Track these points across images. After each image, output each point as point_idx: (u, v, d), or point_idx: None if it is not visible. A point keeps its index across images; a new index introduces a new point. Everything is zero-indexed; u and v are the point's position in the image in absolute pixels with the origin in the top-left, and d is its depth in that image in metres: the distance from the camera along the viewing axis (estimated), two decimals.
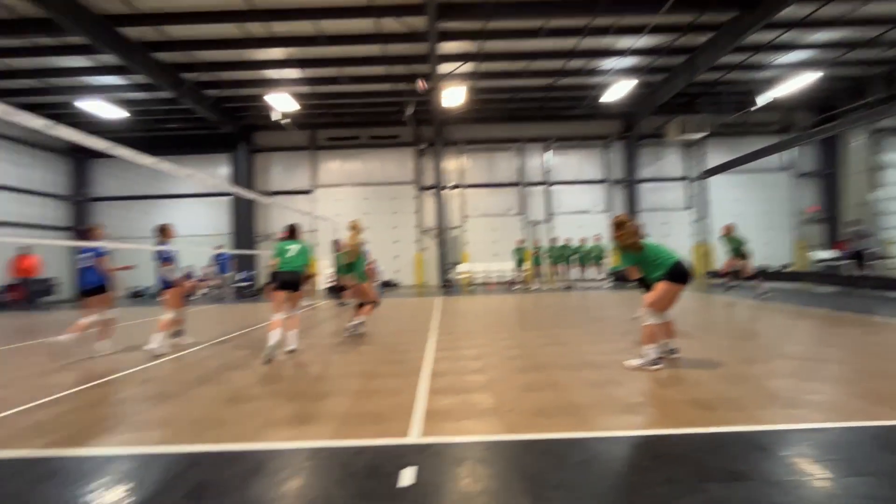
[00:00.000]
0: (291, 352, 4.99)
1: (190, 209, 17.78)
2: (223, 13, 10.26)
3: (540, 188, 18.04)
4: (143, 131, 16.83)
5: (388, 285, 16.48)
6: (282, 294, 5.22)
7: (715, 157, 17.21)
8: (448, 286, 16.25)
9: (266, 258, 17.46)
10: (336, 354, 5.08)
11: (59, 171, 17.14)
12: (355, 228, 6.33)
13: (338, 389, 3.64)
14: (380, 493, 1.99)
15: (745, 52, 12.79)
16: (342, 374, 4.14)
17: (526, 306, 9.40)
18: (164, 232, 6.01)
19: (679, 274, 3.95)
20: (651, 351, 3.93)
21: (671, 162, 18.08)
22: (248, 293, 15.66)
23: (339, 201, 17.83)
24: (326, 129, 17.86)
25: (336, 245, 12.16)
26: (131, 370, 4.60)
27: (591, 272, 14.47)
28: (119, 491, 2.10)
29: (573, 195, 18.03)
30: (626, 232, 4.08)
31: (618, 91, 13.55)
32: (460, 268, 17.31)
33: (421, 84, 7.66)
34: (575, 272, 14.44)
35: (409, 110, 15.17)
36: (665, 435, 2.54)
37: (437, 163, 17.44)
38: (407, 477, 2.12)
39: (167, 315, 5.56)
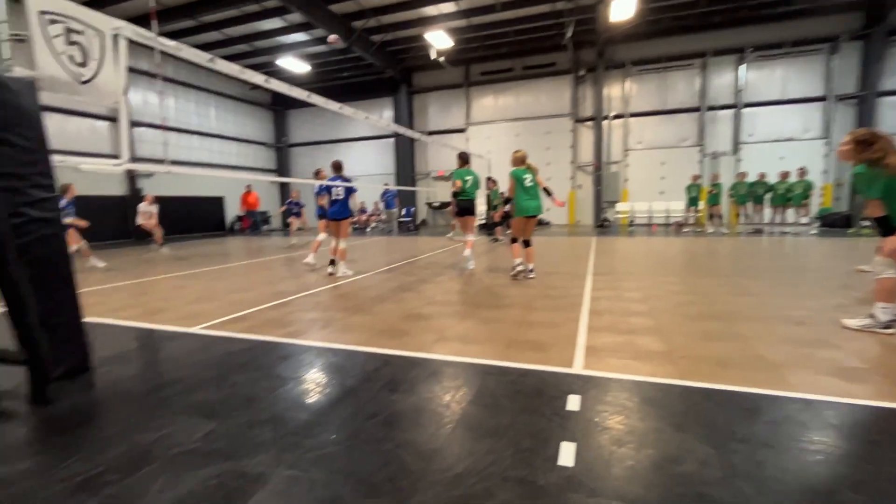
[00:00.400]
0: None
1: (361, 151, 19.93)
2: None
3: (727, 112, 15.03)
4: (321, 82, 19.06)
5: (539, 224, 16.29)
6: (463, 219, 6.47)
7: None
8: (604, 226, 15.28)
9: (425, 194, 18.84)
10: (494, 286, 5.32)
11: (264, 123, 20.78)
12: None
13: (499, 317, 3.85)
14: (548, 412, 2.10)
15: None
16: (502, 305, 4.33)
17: (699, 250, 8.31)
18: (317, 174, 7.01)
19: None
20: (884, 311, 3.12)
21: None
22: (410, 227, 17.26)
23: (490, 138, 17.81)
24: (480, 64, 17.59)
25: (489, 182, 12.37)
26: (328, 286, 5.60)
27: (790, 215, 11.89)
28: (334, 375, 2.64)
29: (774, 119, 14.58)
30: (880, 148, 3.04)
31: None
32: (619, 207, 16.03)
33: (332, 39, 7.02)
34: (768, 214, 12.04)
35: (569, 31, 13.80)
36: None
37: (597, 90, 15.84)
38: (574, 403, 2.18)
39: (342, 244, 6.44)
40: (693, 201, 12.83)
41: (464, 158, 6.70)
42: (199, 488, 1.59)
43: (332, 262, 6.43)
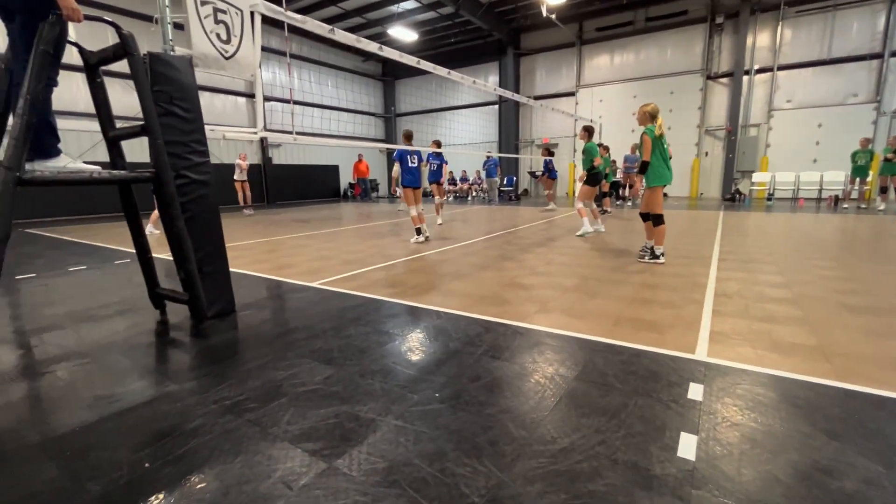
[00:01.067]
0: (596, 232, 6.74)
1: (464, 119, 19.85)
2: None
3: None
4: (429, 50, 19.16)
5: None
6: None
7: None
8: (734, 200, 13.41)
9: (527, 163, 18.29)
10: (602, 260, 5.00)
11: (375, 93, 21.69)
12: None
13: (608, 293, 3.61)
14: (665, 398, 1.92)
15: None
16: (610, 280, 4.06)
17: (864, 230, 6.87)
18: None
19: None
20: None
21: None
22: (511, 197, 16.97)
23: (603, 101, 16.48)
24: (595, 19, 16.14)
25: (601, 149, 11.50)
26: (431, 251, 5.76)
27: None
28: (438, 336, 2.72)
29: None
30: None
31: None
32: (756, 177, 13.90)
33: None
34: None
35: None
36: None
37: (739, 40, 13.59)
38: (696, 391, 1.96)
39: (413, 211, 6.54)
40: (860, 171, 10.54)
41: (590, 132, 7.10)
42: (320, 425, 1.76)
43: (419, 231, 6.51)
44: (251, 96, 15.67)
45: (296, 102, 17.41)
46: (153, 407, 1.93)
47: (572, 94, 17.13)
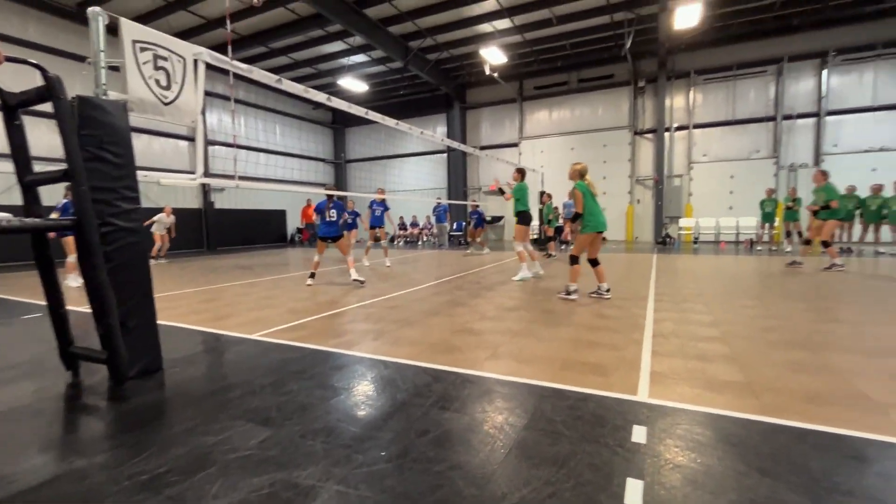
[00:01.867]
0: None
1: (414, 166, 20.35)
2: None
3: (807, 121, 13.85)
4: (379, 101, 19.78)
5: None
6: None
7: None
8: (665, 243, 14.46)
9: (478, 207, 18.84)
10: (548, 303, 5.13)
11: (324, 140, 21.84)
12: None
13: (554, 336, 3.68)
14: (611, 443, 1.93)
15: None
16: (557, 323, 4.16)
17: (776, 270, 7.59)
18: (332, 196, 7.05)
19: None
20: None
21: None
22: (461, 241, 17.28)
23: (544, 152, 17.57)
24: (534, 79, 17.50)
25: (543, 196, 12.15)
26: (380, 298, 5.66)
27: (886, 233, 10.65)
28: (385, 388, 2.62)
29: (863, 127, 13.24)
30: None
31: None
32: (682, 222, 15.15)
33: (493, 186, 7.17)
34: (858, 232, 10.86)
35: (628, 42, 13.39)
36: None
37: (658, 101, 15.20)
38: (640, 434, 2.00)
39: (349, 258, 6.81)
40: (767, 217, 11.84)
41: (522, 173, 7.27)
42: (252, 497, 1.59)
43: (313, 275, 6.82)
44: (193, 140, 15.23)
45: (240, 147, 17.11)
46: (54, 488, 1.68)
47: (516, 144, 18.17)
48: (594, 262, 5.36)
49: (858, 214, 10.59)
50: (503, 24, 13.37)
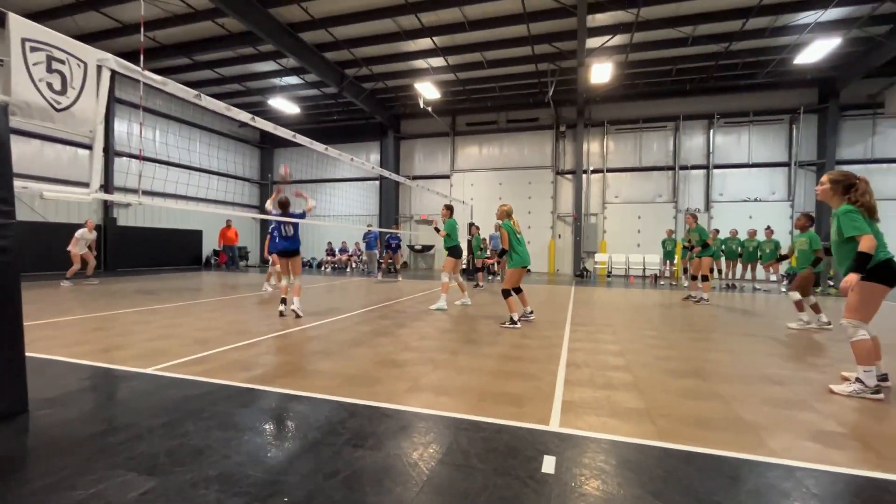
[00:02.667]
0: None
1: (345, 191, 20.06)
2: (381, 10, 11.12)
3: (699, 172, 15.84)
4: (311, 124, 19.48)
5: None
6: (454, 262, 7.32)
7: None
8: (582, 276, 15.47)
9: (408, 237, 18.87)
10: (473, 333, 5.21)
11: (250, 159, 20.89)
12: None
13: (475, 367, 3.73)
14: (522, 474, 1.97)
15: None
16: (479, 354, 4.22)
17: (675, 304, 8.41)
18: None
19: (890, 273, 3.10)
20: (868, 375, 3.08)
21: (892, 139, 14.13)
22: (391, 269, 17.11)
23: (474, 186, 18.23)
24: (466, 115, 18.30)
25: (472, 228, 12.51)
26: (299, 328, 5.40)
27: (760, 272, 12.29)
28: (296, 426, 2.46)
29: (742, 180, 15.43)
30: (863, 190, 3.21)
31: (815, 52, 11.02)
32: (597, 257, 16.34)
33: (284, 170, 7.58)
34: (740, 270, 12.41)
35: (551, 90, 14.58)
36: (883, 479, 2.00)
37: (577, 146, 16.56)
38: (549, 464, 2.06)
39: (299, 281, 6.34)
40: (668, 255, 13.19)
41: (451, 209, 7.69)
42: None
43: (284, 301, 6.20)
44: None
45: (150, 161, 15.77)
46: None
47: (447, 176, 18.69)
48: (517, 290, 5.93)
49: (738, 255, 12.14)
50: (438, 62, 13.94)
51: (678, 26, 11.26)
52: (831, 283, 11.04)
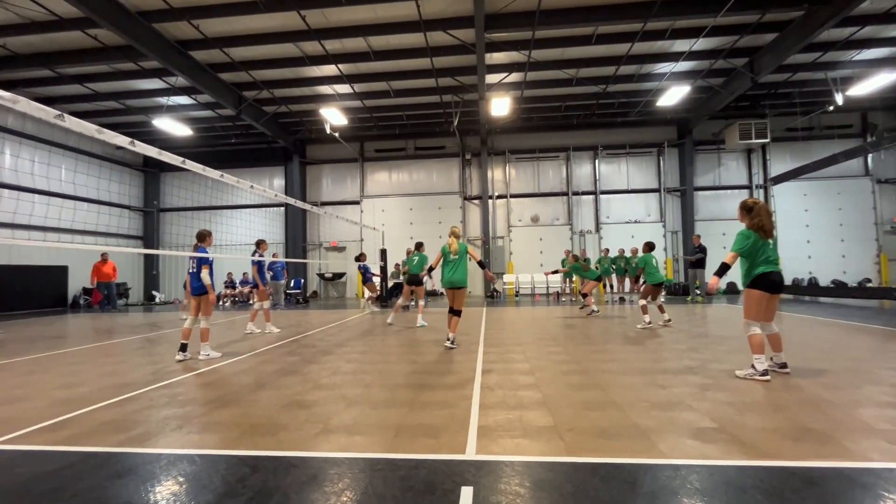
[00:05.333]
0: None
1: (246, 219, 18.75)
2: (282, 34, 10.84)
3: (588, 197, 17.57)
4: (206, 146, 18.07)
5: (432, 294, 16.53)
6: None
7: (779, 164, 16.13)
8: (493, 297, 16.07)
9: (316, 265, 18.09)
10: (386, 363, 5.09)
11: (132, 184, 18.64)
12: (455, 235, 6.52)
13: (390, 400, 3.63)
14: None
15: (817, 51, 11.92)
16: (393, 385, 4.13)
17: (575, 319, 9.08)
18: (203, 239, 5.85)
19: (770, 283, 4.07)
20: (759, 362, 3.93)
21: (732, 169, 17.07)
22: (299, 300, 16.21)
23: (385, 211, 18.20)
24: (374, 142, 18.35)
25: (381, 255, 12.38)
26: (191, 374, 4.83)
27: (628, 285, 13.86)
28: (185, 493, 2.16)
29: (623, 204, 17.42)
30: (755, 214, 4.09)
31: (672, 96, 13.02)
32: (506, 278, 17.12)
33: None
34: (628, 284, 13.85)
35: (455, 120, 15.28)
36: (746, 467, 2.31)
37: (482, 173, 17.44)
38: (467, 496, 2.05)
39: (205, 323, 5.67)
40: (568, 274, 14.25)
41: (418, 245, 9.38)
42: None
43: (183, 348, 5.54)
44: None
45: (2, 187, 13.31)
46: None
47: (357, 202, 18.43)
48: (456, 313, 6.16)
49: (624, 271, 13.57)
50: (344, 88, 13.88)
51: (564, 68, 12.59)
52: (698, 292, 12.79)
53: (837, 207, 16.37)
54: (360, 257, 11.71)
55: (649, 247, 8.04)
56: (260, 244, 8.47)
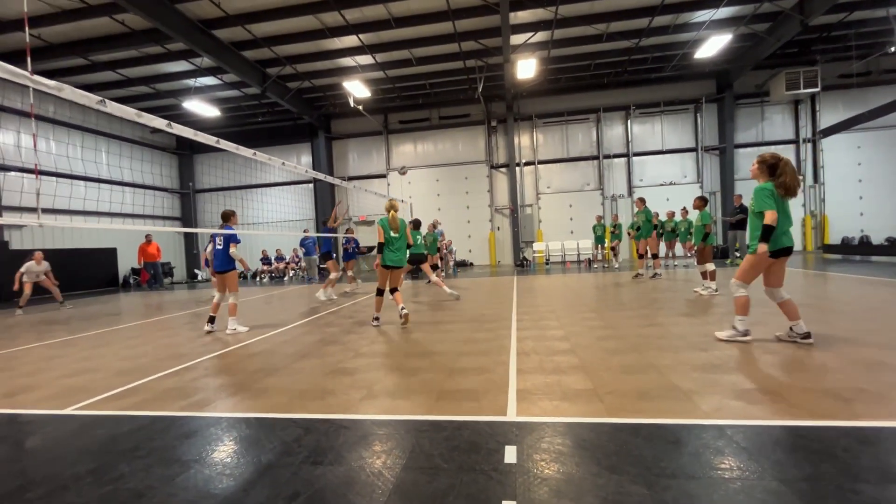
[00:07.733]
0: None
1: (277, 196, 19.17)
2: (301, 6, 10.70)
3: (620, 160, 16.95)
4: (234, 126, 18.36)
5: (461, 265, 16.61)
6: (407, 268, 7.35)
7: (830, 115, 14.98)
8: (523, 265, 16.00)
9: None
10: (422, 333, 5.21)
11: (167, 168, 19.29)
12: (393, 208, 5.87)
13: (429, 366, 3.73)
14: (486, 468, 2.00)
15: None
16: (431, 352, 4.23)
17: (608, 285, 8.96)
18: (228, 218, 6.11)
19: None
20: (741, 322, 3.91)
21: (776, 123, 16.00)
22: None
23: (412, 183, 18.17)
24: (398, 113, 18.16)
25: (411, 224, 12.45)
26: (239, 345, 5.10)
27: (678, 249, 13.43)
28: (247, 451, 2.32)
29: (657, 166, 16.74)
30: (782, 170, 3.67)
31: (711, 47, 12.17)
32: (535, 246, 16.97)
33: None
34: (663, 249, 13.47)
35: (480, 86, 14.86)
36: (796, 427, 2.27)
37: (508, 140, 17.05)
38: (511, 454, 2.12)
39: (234, 299, 5.99)
40: (598, 239, 13.98)
41: (415, 223, 7.95)
42: None
43: (211, 320, 5.93)
44: None
45: (56, 175, 14.05)
46: None
47: (384, 175, 18.47)
48: (392, 290, 5.81)
49: (660, 234, 13.16)
50: (366, 59, 13.68)
51: (593, 23, 11.93)
52: (738, 255, 12.31)
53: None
54: (346, 231, 10.82)
55: (703, 201, 7.25)
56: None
